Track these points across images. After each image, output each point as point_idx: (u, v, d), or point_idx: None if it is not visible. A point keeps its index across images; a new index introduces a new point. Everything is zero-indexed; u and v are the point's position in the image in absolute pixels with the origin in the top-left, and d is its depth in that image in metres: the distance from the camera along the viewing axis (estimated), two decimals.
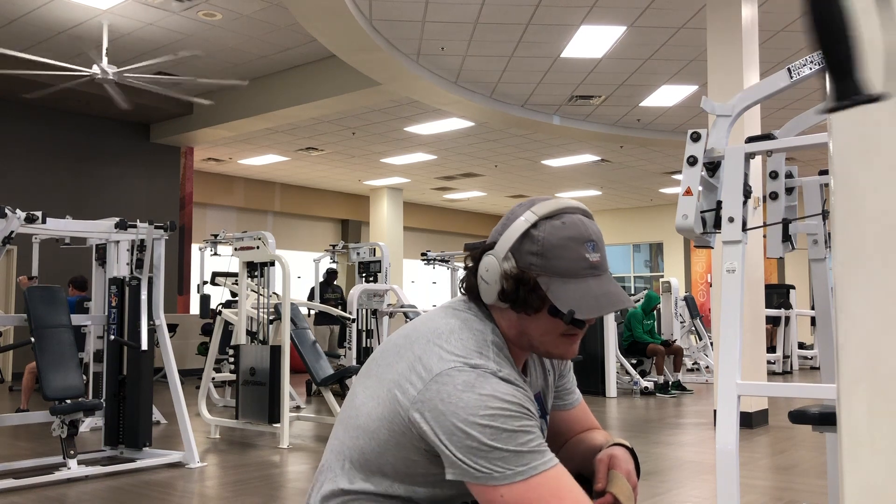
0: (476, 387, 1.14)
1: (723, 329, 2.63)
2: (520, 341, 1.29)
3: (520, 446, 1.12)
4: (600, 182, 16.94)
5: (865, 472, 0.76)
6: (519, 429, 1.13)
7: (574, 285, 1.21)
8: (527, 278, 1.21)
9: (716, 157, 2.77)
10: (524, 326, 1.26)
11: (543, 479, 1.12)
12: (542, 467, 1.13)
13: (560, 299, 1.20)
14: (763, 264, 6.99)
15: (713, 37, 6.97)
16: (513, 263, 1.22)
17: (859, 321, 0.79)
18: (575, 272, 1.22)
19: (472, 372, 1.16)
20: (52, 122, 11.78)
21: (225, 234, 7.80)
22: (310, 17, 7.52)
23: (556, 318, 1.23)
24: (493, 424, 1.11)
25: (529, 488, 1.11)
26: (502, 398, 1.14)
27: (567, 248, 1.22)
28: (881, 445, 0.75)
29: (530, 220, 1.23)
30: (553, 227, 1.23)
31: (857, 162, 0.81)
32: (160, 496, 4.51)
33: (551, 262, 1.21)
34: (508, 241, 1.24)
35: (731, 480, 2.45)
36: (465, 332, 1.24)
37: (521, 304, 1.23)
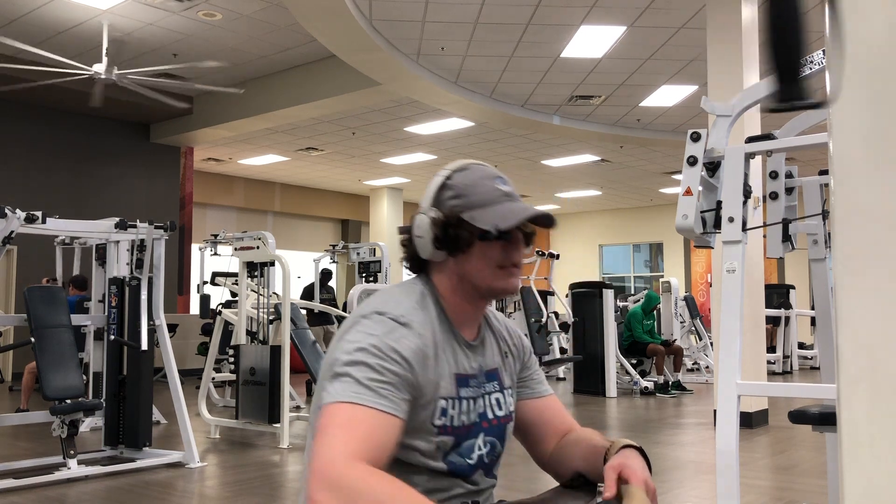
0: (369, 328, 1.26)
1: (723, 329, 2.63)
2: (463, 290, 1.38)
3: (360, 377, 1.20)
4: (600, 182, 16.95)
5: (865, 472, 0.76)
6: (370, 364, 1.21)
7: (493, 209, 1.35)
8: (452, 218, 1.35)
9: (716, 157, 2.77)
10: (463, 270, 1.37)
11: (349, 409, 1.17)
12: (359, 400, 1.17)
13: (483, 221, 1.34)
14: (763, 264, 6.99)
15: (713, 37, 6.97)
16: (437, 212, 1.36)
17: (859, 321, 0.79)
18: (492, 200, 1.36)
19: (375, 317, 1.28)
20: (52, 122, 11.78)
21: (225, 234, 7.80)
22: (310, 17, 7.52)
23: (486, 241, 1.35)
24: (356, 356, 1.22)
25: (335, 411, 1.17)
26: (381, 337, 1.24)
27: (480, 184, 1.37)
28: (881, 445, 0.75)
29: (444, 175, 1.40)
30: (464, 174, 1.39)
31: (857, 162, 0.81)
32: (160, 496, 4.51)
33: (470, 198, 1.36)
34: (430, 197, 1.39)
35: (731, 480, 2.45)
36: (393, 290, 1.38)
37: (454, 243, 1.35)
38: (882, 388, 0.75)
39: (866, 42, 0.80)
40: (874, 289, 0.78)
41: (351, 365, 1.21)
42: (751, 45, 6.91)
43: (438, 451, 1.33)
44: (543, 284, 11.47)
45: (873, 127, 0.80)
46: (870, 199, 0.79)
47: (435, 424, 1.31)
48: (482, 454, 1.38)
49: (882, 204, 0.78)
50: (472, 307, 1.40)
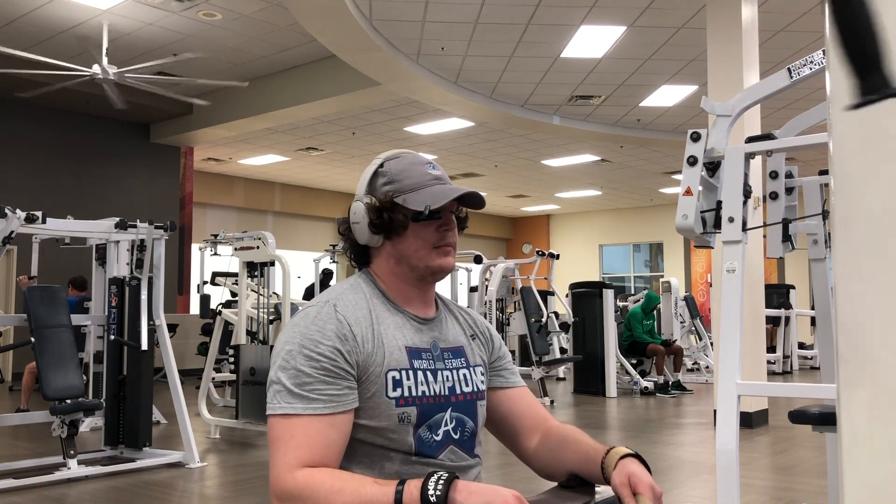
0: (295, 324, 1.34)
1: (723, 329, 2.63)
2: (402, 272, 1.43)
3: (294, 385, 1.28)
4: (600, 182, 16.94)
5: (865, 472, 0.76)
6: (302, 368, 1.28)
7: (424, 192, 1.41)
8: (386, 203, 1.40)
9: (716, 157, 2.77)
10: (399, 251, 1.42)
11: (289, 422, 1.26)
12: (295, 411, 1.26)
13: (415, 203, 1.39)
14: (763, 264, 6.99)
15: (713, 37, 6.96)
16: (372, 198, 1.42)
17: (859, 321, 0.79)
18: (423, 184, 1.42)
19: (308, 310, 1.35)
20: (52, 122, 11.78)
21: (225, 234, 7.80)
22: (310, 17, 7.52)
23: (419, 223, 1.40)
24: (287, 359, 1.30)
25: (276, 424, 1.27)
26: (304, 333, 1.31)
27: (411, 169, 1.43)
28: (881, 445, 0.75)
29: (376, 163, 1.46)
30: (396, 161, 1.45)
31: (857, 162, 0.81)
32: (160, 496, 4.51)
33: (402, 183, 1.41)
34: (364, 185, 1.44)
35: (731, 480, 2.45)
36: (330, 288, 1.45)
37: (389, 226, 1.41)
38: (882, 388, 0.75)
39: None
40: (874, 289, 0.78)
41: (281, 370, 1.29)
42: (751, 45, 6.91)
43: (403, 424, 1.34)
44: (543, 284, 11.48)
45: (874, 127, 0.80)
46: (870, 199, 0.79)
47: (390, 397, 1.33)
48: (448, 430, 1.39)
49: (882, 204, 0.78)
50: (414, 288, 1.45)
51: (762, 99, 2.86)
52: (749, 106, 2.84)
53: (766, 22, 7.80)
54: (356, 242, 1.46)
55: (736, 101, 2.83)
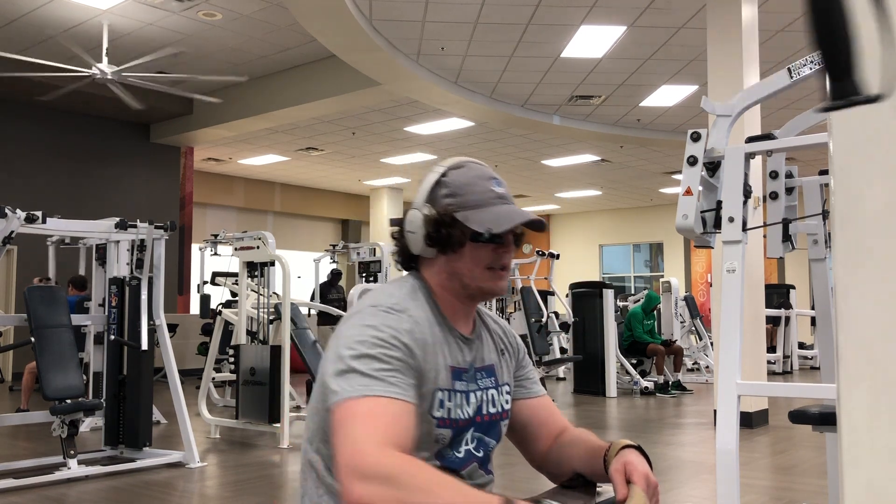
0: (365, 319, 1.26)
1: (723, 329, 2.63)
2: (452, 288, 1.39)
3: (368, 369, 1.19)
4: (600, 182, 16.94)
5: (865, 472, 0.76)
6: (376, 355, 1.20)
7: (487, 211, 1.35)
8: (445, 217, 1.35)
9: (716, 157, 2.77)
10: (453, 268, 1.37)
11: (367, 402, 1.16)
12: (373, 392, 1.17)
13: (476, 223, 1.34)
14: (763, 264, 6.99)
15: (713, 37, 6.96)
16: (430, 208, 1.36)
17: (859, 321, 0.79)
18: (485, 202, 1.36)
19: (369, 310, 1.28)
20: (52, 122, 11.78)
21: (225, 234, 7.80)
22: (310, 17, 7.52)
23: (478, 243, 1.35)
24: (357, 348, 1.21)
25: (352, 406, 1.16)
26: (377, 327, 1.24)
27: (475, 184, 1.37)
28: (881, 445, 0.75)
29: (439, 172, 1.40)
30: (460, 173, 1.39)
31: (857, 162, 0.81)
32: (160, 496, 4.51)
33: (464, 198, 1.36)
34: (424, 193, 1.39)
35: (731, 480, 2.45)
36: (387, 287, 1.38)
37: (446, 242, 1.35)
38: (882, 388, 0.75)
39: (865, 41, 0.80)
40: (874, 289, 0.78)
41: (354, 359, 1.20)
42: (751, 45, 6.90)
43: (436, 444, 1.32)
44: (543, 284, 11.48)
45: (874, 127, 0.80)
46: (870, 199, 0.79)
47: (434, 416, 1.31)
48: (469, 448, 1.38)
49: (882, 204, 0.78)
50: (462, 304, 1.41)
51: (762, 99, 2.86)
52: (749, 106, 2.84)
53: (766, 22, 7.80)
54: (404, 249, 1.41)
55: (736, 101, 2.83)
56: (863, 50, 0.79)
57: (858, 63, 0.78)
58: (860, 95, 0.78)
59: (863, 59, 0.78)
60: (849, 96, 0.79)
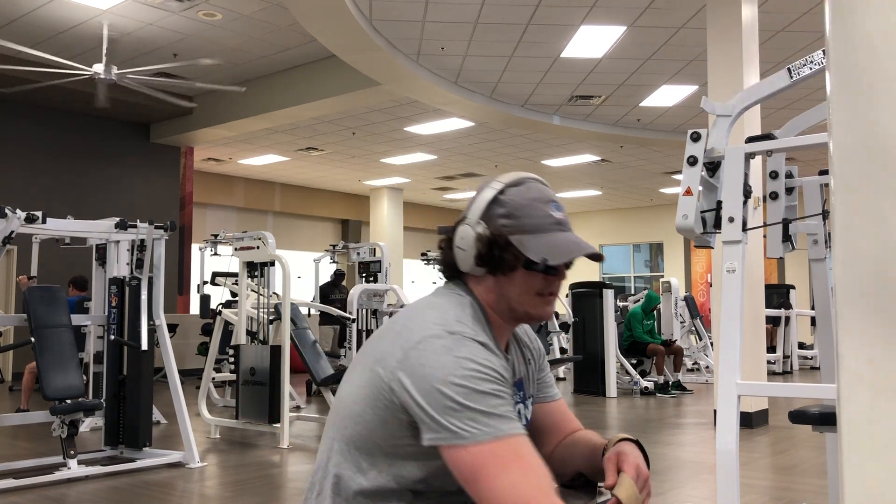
0: (453, 350, 1.18)
1: (723, 329, 2.63)
2: (499, 308, 1.34)
3: (489, 408, 1.15)
4: (600, 182, 16.94)
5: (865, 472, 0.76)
6: (490, 391, 1.16)
7: (544, 238, 1.30)
8: (500, 238, 1.29)
9: (716, 157, 2.77)
10: (502, 290, 1.32)
11: (507, 443, 1.14)
12: (508, 431, 1.15)
13: (532, 251, 1.28)
14: (763, 264, 6.99)
15: (713, 37, 6.96)
16: (485, 227, 1.29)
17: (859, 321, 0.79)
18: (543, 227, 1.31)
19: (450, 337, 1.20)
20: (52, 122, 11.78)
21: (225, 234, 7.80)
22: (310, 17, 7.52)
23: (531, 271, 1.30)
24: (466, 385, 1.15)
25: (493, 449, 1.14)
26: (477, 360, 1.18)
27: (533, 207, 1.31)
28: (881, 445, 0.75)
29: (497, 188, 1.32)
30: (518, 191, 1.32)
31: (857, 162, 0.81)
32: (160, 496, 4.51)
33: (521, 221, 1.30)
34: (479, 209, 1.31)
35: (731, 480, 2.45)
36: (444, 305, 1.29)
37: (497, 265, 1.30)
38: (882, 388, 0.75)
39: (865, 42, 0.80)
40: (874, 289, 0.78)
41: (467, 397, 1.15)
42: (751, 45, 6.90)
43: None
44: None
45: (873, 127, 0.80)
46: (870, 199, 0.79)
47: None
48: None
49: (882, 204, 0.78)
50: (505, 323, 1.37)
51: (762, 99, 2.86)
52: (749, 106, 2.84)
53: (766, 22, 7.80)
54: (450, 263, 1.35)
55: (736, 101, 2.83)
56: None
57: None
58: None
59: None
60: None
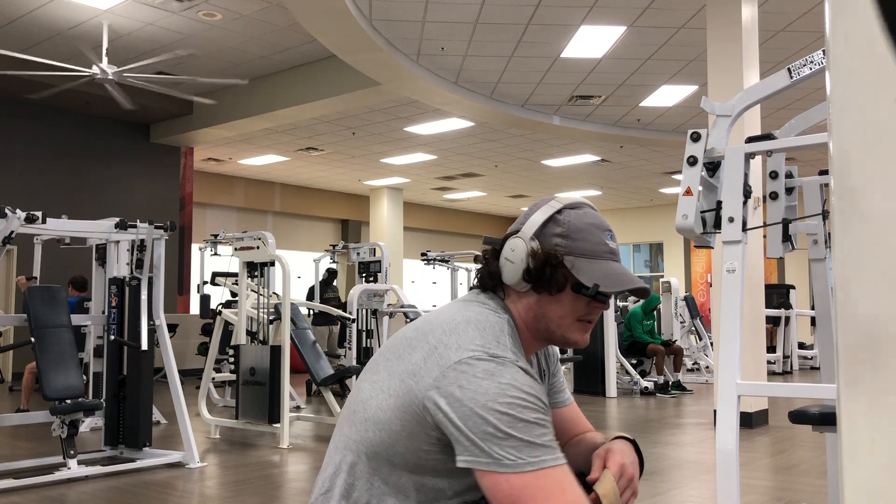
0: (496, 375, 1.17)
1: (723, 329, 2.63)
2: (535, 328, 1.33)
3: (534, 437, 1.14)
4: (600, 182, 16.94)
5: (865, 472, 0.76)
6: (535, 420, 1.15)
7: (596, 264, 1.30)
8: (552, 258, 1.28)
9: (716, 157, 2.77)
10: (543, 310, 1.31)
11: (550, 474, 1.14)
12: (551, 462, 1.15)
13: (584, 275, 1.28)
14: (763, 264, 6.99)
15: (713, 37, 6.96)
16: (539, 244, 1.29)
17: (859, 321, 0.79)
18: (597, 254, 1.30)
19: (491, 361, 1.19)
20: (52, 122, 11.78)
21: (225, 234, 7.80)
22: (310, 17, 7.52)
23: (578, 294, 1.29)
24: (510, 412, 1.14)
25: (536, 480, 1.13)
26: (521, 388, 1.16)
27: (591, 232, 1.31)
28: (881, 445, 0.75)
29: (555, 207, 1.32)
30: (577, 214, 1.32)
31: (857, 162, 0.80)
32: (160, 496, 4.51)
33: (576, 244, 1.29)
34: (535, 224, 1.31)
35: (731, 480, 2.45)
36: (483, 323, 1.26)
37: (546, 282, 1.29)
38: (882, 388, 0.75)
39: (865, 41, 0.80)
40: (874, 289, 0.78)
41: (506, 424, 1.14)
42: (751, 45, 6.91)
43: None
44: None
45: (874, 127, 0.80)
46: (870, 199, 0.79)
47: None
48: None
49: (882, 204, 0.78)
50: (536, 342, 1.37)
51: (762, 99, 2.86)
52: (749, 106, 2.84)
53: (766, 22, 7.80)
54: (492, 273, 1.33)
55: (736, 101, 2.83)
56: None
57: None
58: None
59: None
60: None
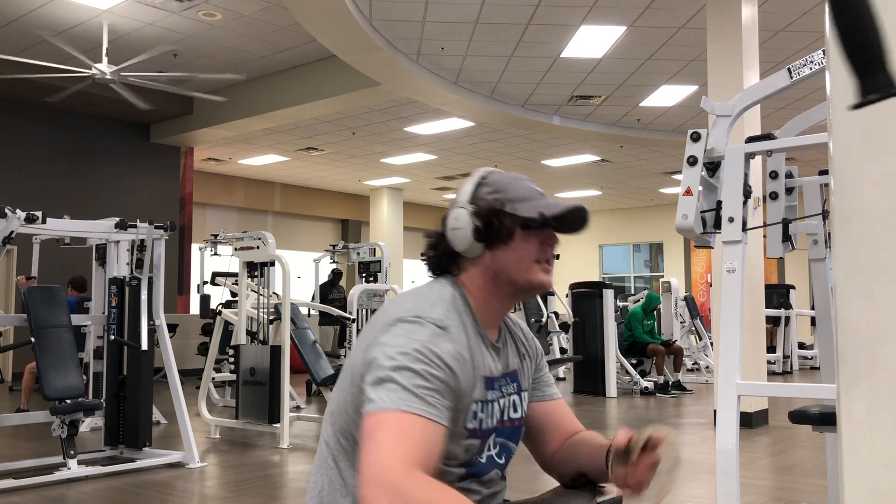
0: (410, 332, 1.24)
1: (723, 329, 2.63)
2: (497, 287, 1.38)
3: (411, 385, 1.18)
4: (600, 182, 16.94)
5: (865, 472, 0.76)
6: (419, 371, 1.19)
7: (533, 202, 1.37)
8: (494, 209, 1.35)
9: (716, 157, 2.77)
10: (500, 263, 1.36)
11: (406, 418, 1.15)
12: (415, 409, 1.16)
13: (527, 211, 1.36)
14: (763, 264, 6.99)
15: (713, 37, 6.96)
16: (476, 206, 1.37)
17: (859, 321, 0.79)
18: (530, 196, 1.38)
19: (413, 322, 1.26)
20: (52, 122, 11.77)
21: (225, 234, 7.80)
22: (310, 17, 7.52)
23: (528, 231, 1.36)
24: (401, 362, 1.20)
25: (389, 418, 1.15)
26: (425, 343, 1.22)
27: (517, 181, 1.40)
28: (881, 445, 0.75)
29: (478, 174, 1.42)
30: (499, 174, 1.42)
31: (857, 162, 0.81)
32: (160, 496, 4.51)
33: (509, 193, 1.37)
34: (467, 193, 1.39)
35: (731, 480, 2.45)
36: (425, 292, 1.36)
37: (496, 233, 1.35)
38: (882, 388, 0.75)
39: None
40: (874, 289, 0.78)
41: (396, 370, 1.19)
42: (751, 45, 6.90)
43: (466, 453, 1.32)
44: None
45: (873, 127, 0.80)
46: (870, 199, 0.79)
47: (467, 428, 1.31)
48: (492, 454, 1.38)
49: (882, 204, 0.78)
50: (500, 306, 1.40)
51: (762, 99, 2.86)
52: (749, 106, 2.84)
53: (766, 22, 7.80)
54: (447, 252, 1.39)
55: (736, 101, 2.83)
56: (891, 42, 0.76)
57: (888, 56, 0.76)
58: (893, 88, 0.76)
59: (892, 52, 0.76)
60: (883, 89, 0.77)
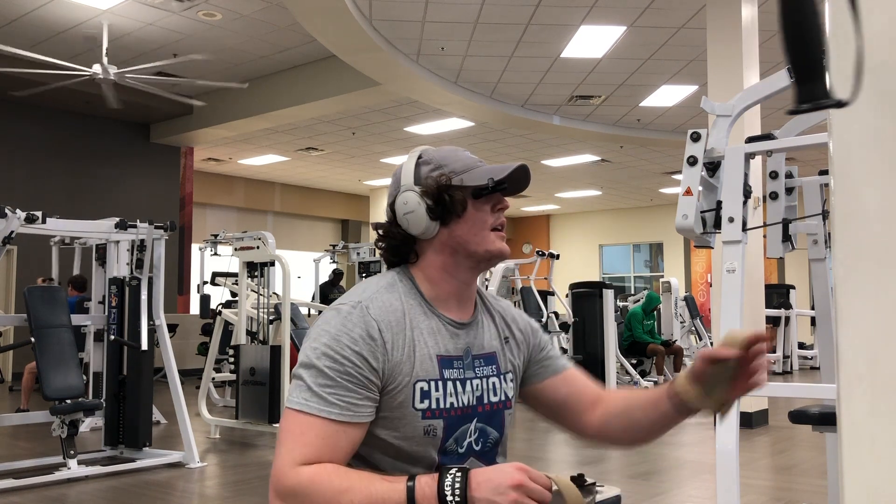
0: (330, 322, 1.28)
1: (723, 329, 2.63)
2: (456, 262, 1.37)
3: (314, 384, 1.23)
4: (600, 182, 16.94)
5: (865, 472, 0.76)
6: (323, 368, 1.24)
7: (478, 171, 1.37)
8: (442, 184, 1.34)
9: (716, 157, 2.77)
10: (457, 237, 1.36)
11: (305, 419, 1.22)
12: (313, 410, 1.22)
13: (476, 180, 1.35)
14: (763, 264, 6.99)
15: (713, 37, 6.96)
16: (422, 187, 1.36)
17: (859, 321, 0.79)
18: (473, 165, 1.38)
19: (336, 311, 1.30)
20: (52, 122, 11.77)
21: (225, 234, 7.80)
22: (310, 17, 7.52)
23: (479, 200, 1.35)
24: (311, 357, 1.25)
25: (293, 418, 1.23)
26: (335, 335, 1.25)
27: (455, 153, 1.40)
28: (881, 445, 0.75)
29: (415, 154, 1.40)
30: (435, 149, 1.41)
31: (857, 162, 0.81)
32: (160, 496, 4.51)
33: (451, 166, 1.37)
34: (409, 176, 1.37)
35: (731, 480, 2.45)
36: (364, 283, 1.38)
37: (450, 207, 1.34)
38: (882, 388, 0.75)
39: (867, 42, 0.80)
40: (874, 289, 0.78)
41: (305, 367, 1.25)
42: (751, 45, 6.90)
43: (429, 437, 1.30)
44: (543, 284, 11.47)
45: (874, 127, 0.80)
46: (870, 199, 0.79)
47: (416, 408, 1.29)
48: (471, 441, 1.36)
49: (882, 204, 0.78)
50: (461, 284, 1.39)
51: (762, 99, 2.86)
52: (749, 106, 2.84)
53: (766, 22, 7.80)
54: (404, 239, 1.38)
55: (736, 101, 2.83)
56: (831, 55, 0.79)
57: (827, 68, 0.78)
58: (828, 99, 0.79)
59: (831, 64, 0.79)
60: (816, 100, 0.79)
